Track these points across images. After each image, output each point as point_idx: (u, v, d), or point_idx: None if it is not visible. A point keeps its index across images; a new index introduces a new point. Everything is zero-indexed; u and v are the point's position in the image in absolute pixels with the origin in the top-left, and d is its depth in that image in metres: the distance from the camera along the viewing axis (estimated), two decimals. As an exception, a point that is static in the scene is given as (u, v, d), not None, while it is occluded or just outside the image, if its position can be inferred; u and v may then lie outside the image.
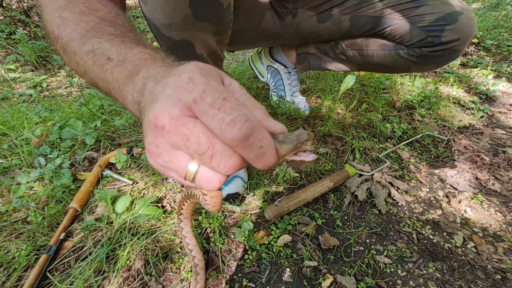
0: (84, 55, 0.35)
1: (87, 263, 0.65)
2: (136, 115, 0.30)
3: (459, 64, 1.83)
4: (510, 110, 1.31)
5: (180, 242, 0.70)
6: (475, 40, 2.07)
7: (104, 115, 1.12)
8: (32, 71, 2.25)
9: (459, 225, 0.75)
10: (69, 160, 0.93)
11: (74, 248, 0.70)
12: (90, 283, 0.62)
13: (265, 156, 0.23)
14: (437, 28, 0.76)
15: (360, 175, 0.90)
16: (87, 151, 0.98)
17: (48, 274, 0.64)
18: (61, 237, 0.70)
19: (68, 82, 2.01)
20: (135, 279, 0.63)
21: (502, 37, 2.16)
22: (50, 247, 0.67)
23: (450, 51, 0.79)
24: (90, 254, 0.68)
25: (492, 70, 1.70)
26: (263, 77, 1.27)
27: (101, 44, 0.34)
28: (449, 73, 1.64)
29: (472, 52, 2.02)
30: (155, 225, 0.73)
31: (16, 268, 0.65)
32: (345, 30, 0.88)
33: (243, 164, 0.23)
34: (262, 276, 0.64)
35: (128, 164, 0.91)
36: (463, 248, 0.69)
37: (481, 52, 1.99)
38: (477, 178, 0.90)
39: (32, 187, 0.84)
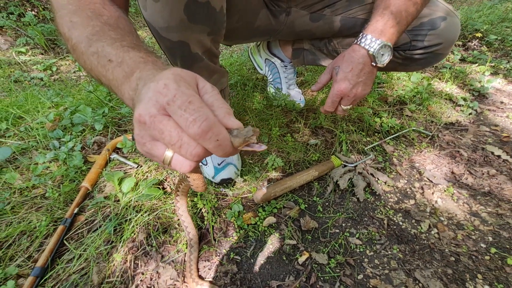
0: (90, 56, 0.42)
1: (98, 234, 0.76)
2: (131, 108, 0.38)
3: (459, 59, 1.84)
4: (499, 107, 1.35)
5: (178, 219, 0.80)
6: (479, 35, 2.06)
7: (111, 102, 1.20)
8: (42, 54, 2.32)
9: (428, 214, 0.84)
10: (80, 143, 1.02)
11: (86, 221, 0.80)
12: (100, 251, 0.73)
13: (221, 147, 0.30)
14: (421, 32, 0.80)
15: (345, 166, 0.98)
16: (96, 135, 1.07)
17: (65, 242, 0.75)
18: (75, 212, 0.80)
19: (77, 67, 2.09)
20: (138, 249, 0.74)
21: (507, 32, 2.14)
22: (66, 219, 0.78)
23: (433, 55, 0.84)
24: (100, 226, 0.78)
25: (490, 66, 1.72)
26: (261, 69, 1.33)
27: (103, 48, 0.42)
28: (446, 68, 1.67)
29: (474, 46, 2.02)
30: (156, 204, 0.83)
31: (38, 236, 0.76)
32: (336, 30, 0.93)
33: (206, 153, 0.31)
34: (247, 250, 0.74)
35: (133, 149, 1.01)
36: (427, 234, 0.78)
37: (483, 47, 1.99)
38: (452, 172, 0.97)
39: (48, 167, 0.94)
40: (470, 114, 1.30)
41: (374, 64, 0.75)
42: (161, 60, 0.42)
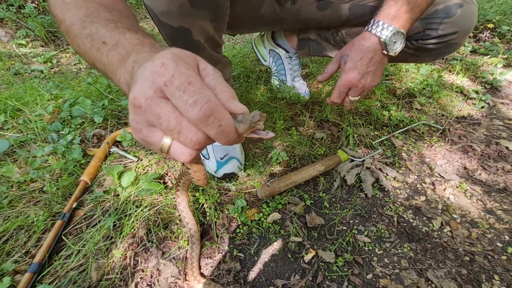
0: (84, 39, 0.39)
1: (97, 230, 0.73)
2: (127, 94, 0.35)
3: (470, 51, 1.78)
4: (513, 101, 1.30)
5: (179, 215, 0.77)
6: (491, 25, 1.99)
7: (111, 94, 1.17)
8: (42, 46, 2.29)
9: (440, 211, 0.80)
10: (79, 136, 1.00)
11: (85, 216, 0.78)
12: (99, 246, 0.70)
13: (224, 133, 0.27)
14: (435, 20, 0.76)
15: (352, 160, 0.94)
16: (96, 128, 1.05)
17: (63, 237, 0.72)
18: (73, 206, 0.78)
19: (77, 59, 2.06)
20: (138, 245, 0.71)
21: (520, 23, 2.06)
22: (64, 214, 0.76)
23: (447, 45, 0.79)
24: (99, 222, 0.76)
25: (503, 58, 1.65)
26: (265, 60, 1.29)
27: (98, 29, 0.38)
28: (457, 60, 1.61)
29: (486, 38, 1.95)
30: (157, 199, 0.80)
31: (35, 231, 0.73)
32: (344, 19, 0.88)
33: (208, 140, 0.28)
34: (251, 248, 0.72)
35: (133, 142, 0.98)
36: (439, 232, 0.74)
37: (495, 38, 1.92)
38: (465, 168, 0.93)
39: (47, 160, 0.91)
40: (482, 107, 1.25)
41: (385, 53, 0.71)
42: (159, 43, 0.39)
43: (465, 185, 0.86)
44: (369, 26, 0.70)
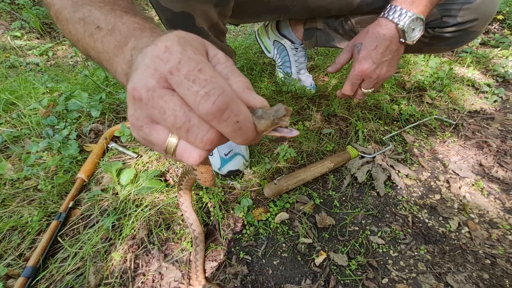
0: (75, 23, 0.34)
1: (95, 230, 0.69)
2: (126, 86, 0.30)
3: (479, 43, 1.72)
4: (527, 95, 1.25)
5: (182, 214, 0.73)
6: (500, 17, 1.92)
7: (109, 87, 1.12)
8: (38, 38, 2.23)
9: (456, 210, 0.76)
10: (75, 131, 0.95)
11: (82, 216, 0.74)
12: (97, 249, 0.66)
13: (242, 131, 0.22)
14: (453, 7, 0.71)
15: (362, 157, 0.90)
16: (93, 123, 1.00)
17: (59, 239, 0.68)
18: (70, 205, 0.74)
19: (74, 52, 2.00)
20: (139, 247, 0.67)
21: (531, 14, 2.00)
22: (60, 214, 0.72)
23: (465, 33, 0.74)
24: (97, 222, 0.72)
25: (514, 50, 1.60)
26: (269, 52, 1.23)
27: (91, 12, 0.34)
28: (467, 52, 1.56)
29: (495, 30, 1.89)
30: (158, 197, 0.76)
31: (29, 232, 0.69)
32: (355, 5, 0.83)
33: (222, 139, 0.23)
34: (258, 250, 0.68)
35: (133, 138, 0.93)
36: (457, 233, 0.70)
37: (505, 30, 1.86)
38: (480, 165, 0.89)
39: (42, 157, 0.87)
40: (495, 101, 1.20)
41: (403, 41, 0.66)
42: (161, 28, 0.34)
43: (481, 182, 0.82)
44: (385, 11, 0.65)
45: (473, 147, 0.96)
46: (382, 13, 0.65)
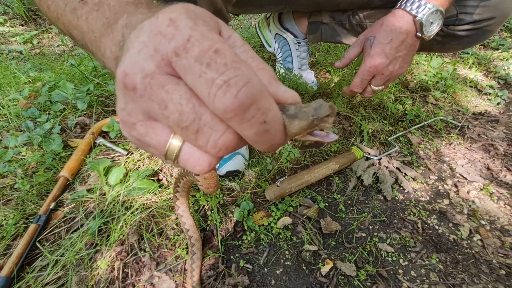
0: None
1: (79, 235, 0.63)
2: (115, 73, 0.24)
3: (480, 45, 1.71)
4: (529, 97, 1.24)
5: (176, 218, 0.67)
6: (499, 19, 1.92)
7: (97, 78, 1.04)
8: (22, 25, 2.10)
9: (466, 216, 0.73)
10: (59, 125, 0.87)
11: (65, 218, 0.67)
12: (81, 256, 0.60)
13: (268, 135, 0.17)
14: (470, 3, 0.67)
15: (367, 158, 0.85)
16: (79, 116, 0.92)
17: (38, 245, 0.61)
18: (51, 207, 0.67)
19: (60, 40, 1.89)
20: (128, 254, 0.61)
21: (528, 18, 2.00)
22: (40, 217, 0.64)
23: (481, 32, 0.71)
24: (81, 226, 0.65)
25: (514, 53, 1.59)
26: (270, 46, 1.17)
27: None
28: (468, 53, 1.54)
29: (494, 32, 1.89)
30: (150, 199, 0.70)
31: (4, 236, 0.62)
32: (366, -1, 0.78)
33: (240, 143, 0.18)
34: (260, 257, 0.62)
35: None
36: (469, 241, 0.67)
37: (503, 32, 1.86)
38: (488, 169, 0.86)
39: (20, 152, 0.79)
40: (498, 103, 1.18)
41: (419, 35, 0.61)
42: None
43: (490, 187, 0.79)
44: (403, 2, 0.60)
45: (480, 150, 0.93)
46: (399, 4, 0.61)
